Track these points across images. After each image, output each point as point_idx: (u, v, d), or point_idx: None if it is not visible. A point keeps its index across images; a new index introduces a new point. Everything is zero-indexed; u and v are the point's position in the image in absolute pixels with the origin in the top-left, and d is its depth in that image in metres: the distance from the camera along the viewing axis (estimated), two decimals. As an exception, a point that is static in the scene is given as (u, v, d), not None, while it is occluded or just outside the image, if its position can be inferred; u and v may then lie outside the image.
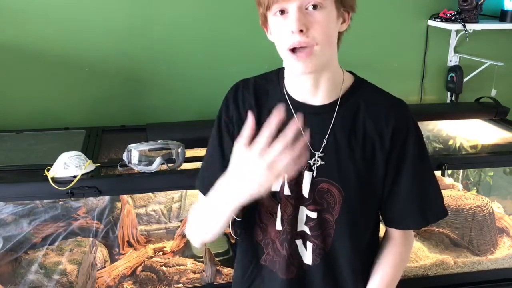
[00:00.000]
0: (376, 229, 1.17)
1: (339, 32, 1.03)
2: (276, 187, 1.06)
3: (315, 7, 0.95)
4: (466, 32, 2.30)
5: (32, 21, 2.02)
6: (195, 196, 1.99)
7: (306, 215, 1.07)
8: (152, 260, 1.87)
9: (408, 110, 1.08)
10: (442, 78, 2.53)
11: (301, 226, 1.08)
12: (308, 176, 1.05)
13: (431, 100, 2.54)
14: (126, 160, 1.58)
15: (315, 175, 1.05)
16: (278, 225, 1.08)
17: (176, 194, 2.01)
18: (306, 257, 1.10)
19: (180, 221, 1.98)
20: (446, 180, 2.24)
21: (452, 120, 2.33)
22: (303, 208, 1.07)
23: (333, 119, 1.05)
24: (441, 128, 2.32)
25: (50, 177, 1.50)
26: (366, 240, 1.13)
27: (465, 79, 2.46)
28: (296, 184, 1.06)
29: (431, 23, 2.39)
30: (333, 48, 1.02)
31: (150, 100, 2.21)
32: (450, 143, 2.22)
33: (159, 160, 1.57)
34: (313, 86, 1.04)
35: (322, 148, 1.05)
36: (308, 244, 1.09)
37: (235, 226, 1.17)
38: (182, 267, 1.87)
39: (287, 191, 1.06)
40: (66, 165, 1.53)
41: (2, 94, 2.07)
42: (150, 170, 1.57)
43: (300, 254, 1.10)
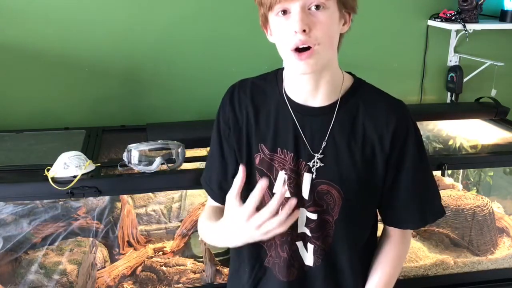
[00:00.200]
0: (374, 228, 1.18)
1: (340, 34, 1.02)
2: (277, 189, 1.06)
3: (318, 7, 0.94)
4: (466, 32, 2.30)
5: (32, 21, 2.02)
6: (195, 196, 1.99)
7: (306, 216, 1.07)
8: (152, 260, 1.87)
9: (408, 111, 1.08)
10: (442, 78, 2.53)
11: (301, 228, 1.08)
12: (307, 177, 1.05)
13: (431, 100, 2.54)
14: (126, 160, 1.58)
15: (315, 176, 1.05)
16: (280, 227, 1.09)
17: (176, 194, 2.01)
18: (307, 258, 1.10)
19: (180, 221, 1.98)
20: (446, 180, 2.24)
21: (452, 120, 2.32)
22: (303, 210, 1.07)
23: (332, 121, 1.05)
24: (441, 128, 2.32)
25: (50, 177, 1.49)
26: (365, 239, 1.14)
27: (465, 79, 2.45)
28: (296, 186, 1.06)
29: (431, 23, 2.39)
30: (334, 49, 1.01)
31: (150, 100, 2.21)
32: (450, 143, 2.22)
33: (159, 160, 1.57)
34: (313, 87, 1.04)
35: (322, 150, 1.05)
36: (309, 246, 1.09)
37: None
38: (182, 267, 1.87)
39: (287, 193, 1.06)
40: (66, 165, 1.53)
41: (2, 94, 2.07)
42: (150, 170, 1.57)
43: (301, 256, 1.10)
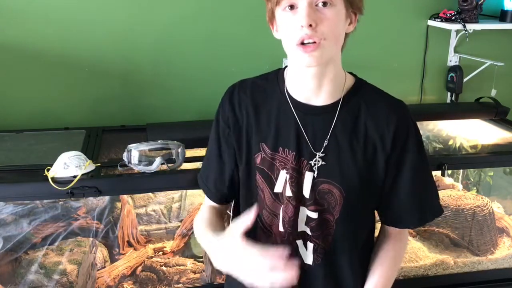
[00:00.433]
0: (373, 227, 1.18)
1: (346, 34, 1.03)
2: (279, 188, 1.06)
3: (325, 4, 0.95)
4: (466, 32, 2.30)
5: (32, 21, 2.02)
6: (195, 196, 1.99)
7: (307, 215, 1.07)
8: (152, 260, 1.87)
9: (408, 111, 1.09)
10: (442, 78, 2.53)
11: (301, 227, 1.08)
12: (309, 176, 1.05)
13: (431, 100, 2.54)
14: (126, 160, 1.58)
15: (316, 175, 1.05)
16: (281, 226, 1.09)
17: (176, 194, 2.01)
18: (307, 257, 1.10)
19: (180, 221, 1.98)
20: (446, 180, 2.24)
21: (452, 120, 2.32)
22: (303, 209, 1.07)
23: (334, 120, 1.05)
24: (441, 128, 2.32)
25: (50, 177, 1.49)
26: (364, 238, 1.14)
27: (465, 79, 2.45)
28: (297, 185, 1.06)
29: (431, 23, 2.39)
30: (339, 46, 1.02)
31: (150, 100, 2.21)
32: (450, 143, 2.22)
33: (159, 160, 1.57)
34: (316, 85, 1.04)
35: (323, 149, 1.05)
36: (309, 245, 1.09)
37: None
38: (182, 267, 1.87)
39: (288, 192, 1.06)
40: (66, 165, 1.53)
41: (2, 94, 2.07)
42: (150, 170, 1.57)
43: (301, 255, 1.10)
